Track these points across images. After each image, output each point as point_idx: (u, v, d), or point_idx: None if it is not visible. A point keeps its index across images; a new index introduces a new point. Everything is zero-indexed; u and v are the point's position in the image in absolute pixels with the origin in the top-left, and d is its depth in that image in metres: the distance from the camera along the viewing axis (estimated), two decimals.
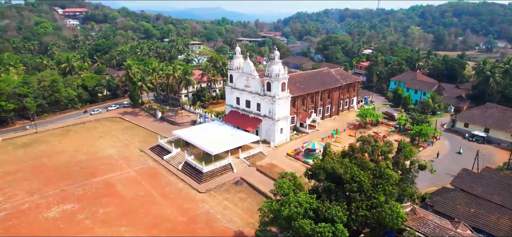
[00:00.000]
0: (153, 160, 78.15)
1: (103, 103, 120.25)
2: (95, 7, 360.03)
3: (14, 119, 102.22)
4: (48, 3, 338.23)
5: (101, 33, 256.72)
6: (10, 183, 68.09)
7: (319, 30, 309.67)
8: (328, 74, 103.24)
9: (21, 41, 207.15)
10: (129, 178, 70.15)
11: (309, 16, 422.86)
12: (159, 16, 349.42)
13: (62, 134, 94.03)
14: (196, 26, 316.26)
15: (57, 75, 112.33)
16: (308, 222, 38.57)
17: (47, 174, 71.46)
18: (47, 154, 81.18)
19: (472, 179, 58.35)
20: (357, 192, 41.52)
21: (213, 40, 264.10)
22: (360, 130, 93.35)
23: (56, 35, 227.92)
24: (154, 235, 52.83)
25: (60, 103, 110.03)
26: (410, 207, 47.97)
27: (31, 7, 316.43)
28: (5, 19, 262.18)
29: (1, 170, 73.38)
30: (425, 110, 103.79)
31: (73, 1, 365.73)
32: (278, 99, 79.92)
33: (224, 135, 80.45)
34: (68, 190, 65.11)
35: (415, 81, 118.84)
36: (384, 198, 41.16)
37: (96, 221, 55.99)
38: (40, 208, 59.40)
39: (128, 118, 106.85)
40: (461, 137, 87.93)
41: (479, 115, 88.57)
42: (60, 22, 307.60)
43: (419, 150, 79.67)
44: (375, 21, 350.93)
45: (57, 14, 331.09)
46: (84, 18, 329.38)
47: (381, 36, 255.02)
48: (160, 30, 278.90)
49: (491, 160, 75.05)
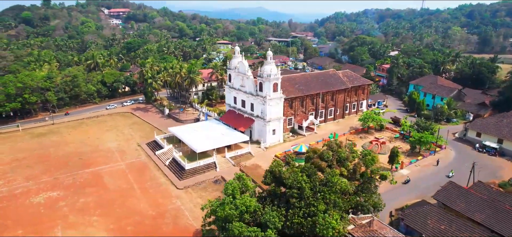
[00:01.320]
0: (146, 155, 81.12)
1: (120, 99, 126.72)
2: (138, 7, 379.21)
3: (37, 111, 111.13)
4: (96, 4, 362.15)
5: (138, 32, 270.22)
6: (14, 168, 74.44)
7: (354, 31, 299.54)
8: (334, 75, 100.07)
9: (65, 39, 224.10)
10: (118, 171, 73.49)
11: (347, 16, 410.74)
12: (195, 15, 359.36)
13: (74, 127, 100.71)
14: (229, 26, 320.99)
15: (77, 72, 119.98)
16: (238, 225, 38.07)
17: (48, 163, 77.07)
18: (55, 145, 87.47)
19: (457, 194, 53.87)
20: (297, 198, 40.14)
21: (243, 40, 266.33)
22: (361, 135, 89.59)
23: (96, 34, 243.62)
24: (122, 226, 54.98)
25: (80, 97, 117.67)
26: (369, 219, 45.52)
27: (80, 8, 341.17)
28: (56, 20, 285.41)
29: (12, 157, 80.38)
30: (439, 116, 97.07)
31: (119, 1, 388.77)
32: (269, 100, 79.09)
33: (215, 133, 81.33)
34: (60, 179, 69.76)
35: (434, 86, 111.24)
36: (325, 207, 39.38)
37: (74, 209, 59.43)
38: (30, 194, 64.33)
39: (138, 113, 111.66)
40: (471, 148, 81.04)
41: (494, 124, 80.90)
42: (104, 21, 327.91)
43: (418, 158, 74.89)
44: (416, 21, 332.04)
45: (102, 14, 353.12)
46: (126, 18, 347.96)
47: (418, 37, 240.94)
48: (193, 30, 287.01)
49: (497, 174, 68.60)
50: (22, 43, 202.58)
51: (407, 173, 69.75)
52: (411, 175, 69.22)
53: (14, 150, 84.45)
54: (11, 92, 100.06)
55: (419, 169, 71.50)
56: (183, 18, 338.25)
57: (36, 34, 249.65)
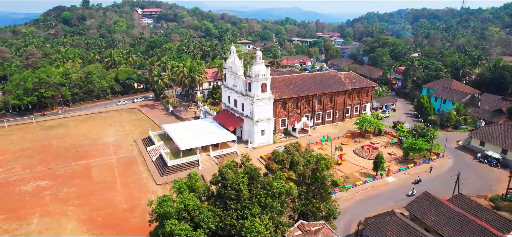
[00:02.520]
0: (138, 150, 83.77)
1: (132, 95, 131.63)
2: (169, 7, 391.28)
3: (53, 105, 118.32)
4: (130, 4, 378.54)
5: (165, 31, 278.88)
6: (17, 158, 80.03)
7: (383, 31, 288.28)
8: (334, 77, 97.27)
9: (96, 38, 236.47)
10: (107, 164, 76.55)
11: (379, 16, 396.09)
12: (224, 15, 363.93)
13: (82, 121, 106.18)
14: (256, 25, 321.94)
15: (93, 69, 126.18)
16: (172, 222, 38.33)
17: (47, 154, 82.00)
18: (59, 137, 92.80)
19: (430, 206, 50.56)
20: (235, 200, 39.67)
21: (266, 39, 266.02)
22: (357, 139, 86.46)
23: (125, 33, 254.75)
24: (93, 217, 57.33)
25: (93, 93, 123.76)
26: (319, 226, 43.98)
27: (115, 8, 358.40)
28: (91, 19, 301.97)
29: (18, 147, 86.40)
30: (445, 123, 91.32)
31: (152, 1, 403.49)
32: (257, 100, 78.58)
33: (204, 132, 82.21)
34: (53, 169, 73.98)
35: (447, 90, 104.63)
36: (260, 210, 38.58)
37: (55, 199, 62.81)
38: (22, 182, 68.83)
39: (145, 110, 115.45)
40: (472, 157, 75.44)
41: (500, 133, 74.65)
42: (137, 21, 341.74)
43: (408, 166, 70.98)
44: (453, 22, 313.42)
45: (136, 14, 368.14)
46: (158, 17, 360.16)
47: (450, 38, 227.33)
48: (218, 29, 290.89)
49: (493, 187, 63.51)
50: (56, 42, 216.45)
51: (392, 181, 66.46)
52: (397, 183, 65.96)
53: (22, 141, 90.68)
54: (28, 87, 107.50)
55: (407, 178, 67.76)
56: (211, 18, 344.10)
57: (72, 33, 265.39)
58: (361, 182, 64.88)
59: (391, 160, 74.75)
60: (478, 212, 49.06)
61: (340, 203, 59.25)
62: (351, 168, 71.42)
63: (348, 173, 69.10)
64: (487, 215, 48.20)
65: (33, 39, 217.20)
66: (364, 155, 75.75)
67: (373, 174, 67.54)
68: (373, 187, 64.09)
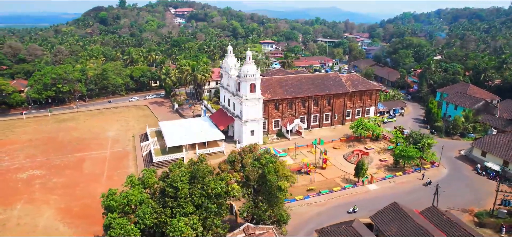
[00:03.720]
0: (133, 146, 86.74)
1: (145, 92, 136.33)
2: (202, 7, 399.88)
3: (71, 99, 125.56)
4: (164, 4, 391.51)
5: (193, 31, 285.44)
6: (23, 148, 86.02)
7: (415, 32, 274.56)
8: (334, 79, 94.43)
9: (126, 36, 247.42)
10: (100, 157, 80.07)
11: (415, 16, 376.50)
12: (253, 15, 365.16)
13: (92, 115, 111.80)
14: (284, 25, 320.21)
15: (109, 66, 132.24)
16: (111, 215, 39.56)
17: (51, 145, 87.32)
18: (67, 129, 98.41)
19: (395, 218, 47.80)
20: (173, 198, 40.03)
21: (291, 40, 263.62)
22: (351, 143, 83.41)
23: (153, 32, 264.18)
24: (70, 206, 60.39)
25: (108, 89, 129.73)
26: (265, 230, 43.21)
27: (149, 8, 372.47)
28: (125, 19, 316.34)
29: (29, 137, 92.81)
30: (450, 130, 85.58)
31: (185, 1, 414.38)
32: (246, 100, 78.30)
33: (195, 130, 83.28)
34: (51, 160, 78.70)
35: (460, 95, 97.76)
36: (193, 209, 38.61)
37: (44, 187, 66.83)
38: (20, 170, 73.93)
39: (152, 107, 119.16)
40: (472, 168, 70.03)
41: (503, 143, 68.60)
42: (169, 20, 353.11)
43: (396, 174, 67.34)
44: (497, 22, 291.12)
45: (169, 14, 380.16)
46: (189, 17, 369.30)
47: (488, 40, 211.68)
48: (245, 29, 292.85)
49: (482, 202, 58.75)
50: (89, 40, 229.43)
51: (374, 189, 63.45)
52: (378, 191, 62.87)
53: (34, 132, 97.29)
54: (47, 82, 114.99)
55: (392, 186, 64.37)
56: (239, 18, 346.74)
57: (106, 32, 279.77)
58: (339, 188, 62.55)
59: (381, 167, 71.36)
60: (446, 227, 45.64)
61: (312, 208, 58.45)
62: (335, 173, 69.11)
63: (330, 178, 66.98)
64: (456, 231, 44.69)
65: (68, 38, 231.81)
66: (352, 161, 72.89)
67: (354, 181, 64.88)
68: (350, 194, 61.56)
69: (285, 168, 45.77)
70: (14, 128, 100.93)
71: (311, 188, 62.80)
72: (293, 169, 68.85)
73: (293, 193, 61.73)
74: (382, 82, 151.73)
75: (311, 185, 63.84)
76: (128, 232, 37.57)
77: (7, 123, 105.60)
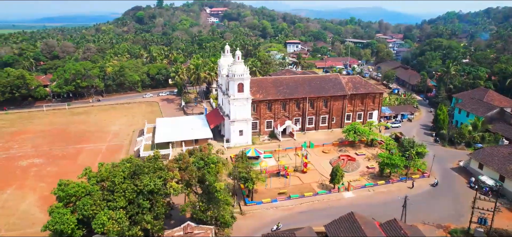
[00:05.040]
0: (129, 140, 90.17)
1: (161, 89, 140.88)
2: (237, 6, 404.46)
3: (90, 94, 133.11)
4: (200, 4, 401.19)
5: (222, 30, 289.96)
6: (34, 137, 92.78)
7: (455, 33, 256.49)
8: (333, 80, 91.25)
9: (158, 35, 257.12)
10: (96, 150, 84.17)
11: (459, 16, 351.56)
12: (286, 15, 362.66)
13: (104, 110, 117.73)
14: (312, 25, 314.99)
15: (127, 63, 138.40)
16: (54, 205, 41.73)
17: (58, 136, 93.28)
18: (77, 122, 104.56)
19: (347, 228, 45.52)
20: (110, 191, 41.24)
21: (320, 40, 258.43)
22: (342, 148, 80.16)
23: (184, 30, 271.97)
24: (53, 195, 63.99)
25: (125, 85, 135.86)
26: (203, 230, 43.08)
27: (185, 8, 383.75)
28: (160, 18, 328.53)
29: (41, 128, 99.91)
30: (454, 139, 79.33)
31: (221, 1, 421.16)
32: (233, 100, 78.26)
33: (187, 127, 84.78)
34: (53, 150, 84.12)
35: (474, 101, 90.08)
36: (125, 203, 39.47)
37: (37, 175, 71.66)
38: (23, 158, 79.87)
39: (162, 104, 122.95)
40: (466, 181, 64.40)
41: (503, 156, 62.24)
42: (203, 20, 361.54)
43: (377, 183, 63.77)
44: None
45: (204, 13, 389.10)
46: (223, 16, 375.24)
47: None
48: (274, 29, 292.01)
49: (463, 218, 53.55)
50: (122, 38, 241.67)
51: (349, 197, 60.57)
52: (353, 199, 59.98)
53: (49, 123, 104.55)
54: (67, 77, 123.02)
55: (369, 195, 61.04)
56: (271, 17, 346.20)
57: (140, 31, 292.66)
58: (311, 194, 60.46)
59: (365, 174, 67.91)
60: None
61: (277, 212, 57.15)
62: (315, 177, 66.80)
63: (307, 183, 64.95)
64: None
65: (104, 36, 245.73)
66: (337, 166, 69.99)
67: (331, 187, 62.39)
68: (321, 201, 59.28)
69: (229, 170, 45.10)
70: (33, 119, 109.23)
71: (283, 191, 61.34)
72: (270, 171, 67.96)
73: (265, 195, 60.99)
74: (404, 85, 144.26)
75: (284, 189, 62.34)
76: (64, 221, 39.29)
77: (29, 114, 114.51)
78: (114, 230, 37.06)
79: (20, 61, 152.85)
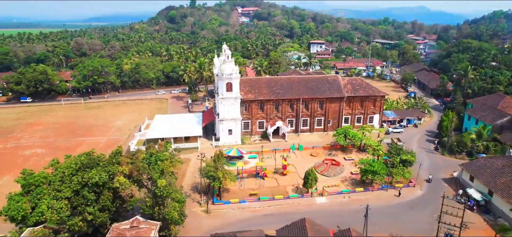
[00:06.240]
0: (128, 135, 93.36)
1: (174, 87, 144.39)
2: (269, 6, 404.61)
3: (107, 90, 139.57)
4: (231, 3, 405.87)
5: (249, 30, 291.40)
6: (45, 129, 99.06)
7: (497, 33, 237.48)
8: (331, 82, 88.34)
9: (186, 34, 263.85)
10: (95, 143, 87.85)
11: (508, 16, 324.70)
12: (316, 15, 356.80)
13: (116, 105, 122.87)
14: (342, 25, 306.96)
15: (144, 60, 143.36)
16: (16, 192, 44.49)
17: (66, 129, 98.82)
18: (86, 116, 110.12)
19: (296, 235, 43.72)
20: (60, 182, 43.11)
21: (346, 40, 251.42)
22: (332, 152, 77.48)
23: (211, 30, 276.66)
24: None
25: (139, 82, 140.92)
26: (147, 225, 43.68)
27: (217, 7, 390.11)
28: (190, 17, 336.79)
29: (54, 121, 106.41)
30: (455, 148, 73.84)
31: (253, 1, 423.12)
32: (222, 99, 78.48)
33: (181, 125, 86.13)
34: (58, 142, 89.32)
35: (485, 107, 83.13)
36: (71, 194, 41.08)
37: (35, 164, 75.42)
38: (28, 148, 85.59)
39: (171, 101, 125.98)
40: (455, 193, 59.66)
41: (495, 168, 56.87)
42: (234, 19, 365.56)
43: (355, 190, 60.97)
44: None
45: (235, 13, 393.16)
46: (253, 16, 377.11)
47: None
48: (301, 29, 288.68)
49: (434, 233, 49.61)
50: (150, 36, 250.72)
51: (320, 202, 58.45)
52: (323, 205, 57.79)
53: (62, 116, 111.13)
54: (85, 73, 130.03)
55: (344, 202, 58.50)
56: (301, 17, 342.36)
57: (171, 30, 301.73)
58: (281, 197, 59.09)
59: (346, 180, 65.17)
60: None
61: (242, 213, 56.63)
62: (293, 180, 65.21)
63: (282, 186, 63.60)
64: None
65: (134, 34, 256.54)
66: (319, 170, 67.92)
67: (305, 191, 60.57)
68: (291, 205, 57.73)
69: (176, 168, 45.31)
70: (51, 112, 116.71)
71: (254, 193, 60.51)
72: (248, 172, 67.39)
73: (238, 195, 60.60)
74: (424, 89, 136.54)
75: (256, 190, 61.49)
76: (16, 208, 41.65)
77: (49, 107, 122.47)
78: (52, 219, 38.69)
79: (51, 58, 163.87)
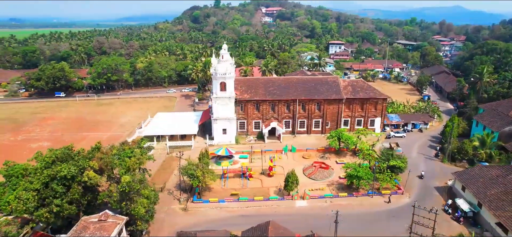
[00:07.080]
0: (129, 131, 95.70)
1: (185, 86, 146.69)
2: (293, 6, 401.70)
3: (122, 87, 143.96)
4: (255, 3, 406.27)
5: (269, 30, 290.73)
6: (55, 124, 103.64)
7: None
8: (330, 83, 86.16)
9: (205, 34, 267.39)
10: (97, 138, 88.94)
11: None
12: (340, 15, 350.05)
13: (126, 102, 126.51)
14: (366, 25, 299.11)
15: (158, 59, 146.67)
16: None
17: (74, 124, 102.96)
18: (96, 112, 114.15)
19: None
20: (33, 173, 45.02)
21: (369, 41, 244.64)
22: (325, 155, 75.62)
23: (231, 29, 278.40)
24: None
25: (152, 80, 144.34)
26: (114, 220, 44.57)
27: (241, 7, 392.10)
28: (213, 17, 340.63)
29: (65, 116, 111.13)
30: (455, 155, 69.92)
31: (277, 1, 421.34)
32: (215, 98, 78.79)
33: (179, 123, 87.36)
34: (64, 136, 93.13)
35: (495, 113, 77.98)
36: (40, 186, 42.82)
37: None
38: (36, 141, 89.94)
39: (179, 99, 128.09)
40: (444, 203, 56.45)
41: (488, 178, 53.15)
42: (257, 19, 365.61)
43: (339, 195, 59.17)
44: None
45: (259, 13, 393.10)
46: (276, 16, 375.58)
47: None
48: (323, 29, 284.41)
49: None
50: (171, 36, 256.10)
51: (299, 205, 57.19)
52: (302, 209, 56.48)
53: (74, 112, 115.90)
54: (99, 71, 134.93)
55: (324, 206, 56.71)
56: (324, 17, 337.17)
57: (193, 29, 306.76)
58: (261, 198, 58.36)
59: (332, 184, 63.34)
60: None
61: (218, 212, 56.63)
62: (277, 182, 64.12)
63: (265, 187, 62.83)
64: None
65: (156, 34, 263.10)
66: (306, 173, 66.56)
67: (286, 193, 59.49)
68: (270, 206, 56.87)
69: (142, 165, 45.89)
70: (65, 107, 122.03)
71: (235, 193, 60.18)
72: (233, 171, 67.21)
73: (220, 195, 60.60)
74: (441, 92, 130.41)
75: (238, 190, 61.14)
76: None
77: (64, 103, 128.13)
78: (18, 209, 40.36)
79: (73, 56, 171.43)
